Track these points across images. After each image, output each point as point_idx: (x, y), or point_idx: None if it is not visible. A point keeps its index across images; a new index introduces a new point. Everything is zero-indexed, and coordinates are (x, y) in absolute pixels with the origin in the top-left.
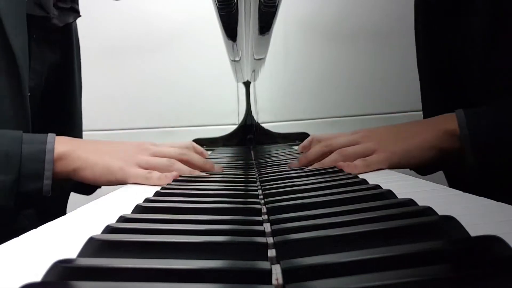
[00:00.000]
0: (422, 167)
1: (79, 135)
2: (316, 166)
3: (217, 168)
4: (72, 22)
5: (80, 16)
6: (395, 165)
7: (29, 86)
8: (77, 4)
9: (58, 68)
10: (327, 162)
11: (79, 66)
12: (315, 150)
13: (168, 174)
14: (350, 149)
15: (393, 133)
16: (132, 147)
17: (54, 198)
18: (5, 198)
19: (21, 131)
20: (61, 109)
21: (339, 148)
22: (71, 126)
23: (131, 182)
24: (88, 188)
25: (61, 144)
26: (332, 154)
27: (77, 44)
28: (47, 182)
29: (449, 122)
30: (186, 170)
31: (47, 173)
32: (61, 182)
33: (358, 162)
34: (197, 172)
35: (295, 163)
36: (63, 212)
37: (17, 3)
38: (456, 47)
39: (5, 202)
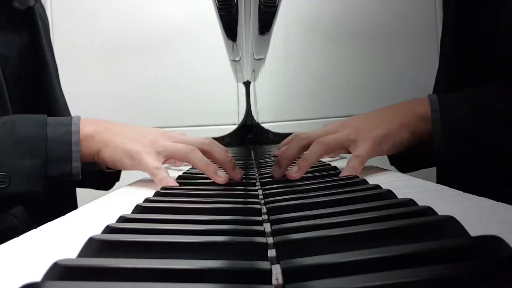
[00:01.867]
0: (401, 152)
1: None
2: (300, 163)
3: (238, 170)
4: (34, 4)
5: None
6: (379, 151)
7: None
8: None
9: (26, 51)
10: (307, 154)
11: (51, 48)
12: (291, 145)
13: (170, 180)
14: (330, 137)
15: (369, 120)
16: (157, 133)
17: (60, 194)
18: (34, 183)
19: (45, 115)
20: (39, 94)
21: (317, 138)
22: (54, 112)
23: (142, 169)
24: (107, 181)
25: (87, 126)
26: (312, 145)
27: (45, 26)
28: (75, 164)
29: (421, 106)
30: (203, 160)
31: (75, 155)
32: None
33: (352, 162)
34: (211, 169)
35: (275, 169)
36: (70, 209)
37: None
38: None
39: (34, 187)
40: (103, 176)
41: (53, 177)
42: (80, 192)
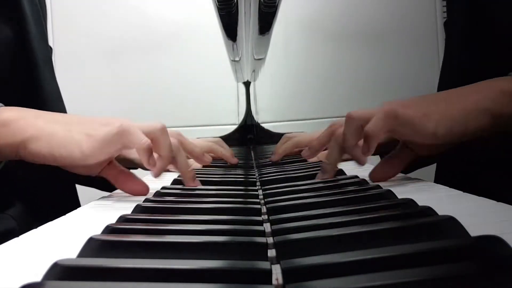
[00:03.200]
0: (464, 139)
1: None
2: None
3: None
4: None
5: None
6: (431, 137)
7: None
8: None
9: (13, 43)
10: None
11: (43, 35)
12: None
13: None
14: (361, 111)
15: (423, 97)
16: (111, 117)
17: (60, 193)
18: None
19: None
20: (27, 84)
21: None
22: (43, 103)
23: (103, 155)
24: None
25: (8, 111)
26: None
27: (36, 11)
28: None
29: (507, 81)
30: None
31: None
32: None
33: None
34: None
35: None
36: (72, 207)
37: None
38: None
39: None
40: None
41: None
42: (80, 191)
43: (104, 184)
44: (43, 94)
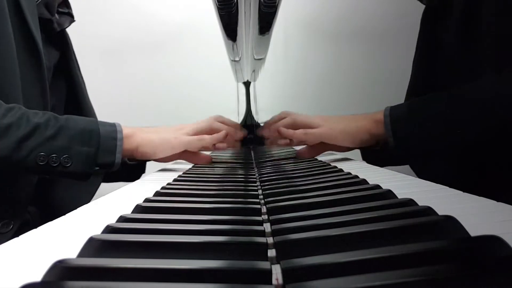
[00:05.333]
0: (357, 148)
1: None
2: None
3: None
4: (67, 27)
5: (74, 21)
6: (332, 140)
7: None
8: (71, 9)
9: (61, 66)
10: (280, 123)
11: (78, 66)
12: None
13: (219, 134)
14: (301, 116)
15: (338, 116)
16: (177, 125)
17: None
18: (88, 166)
19: (96, 118)
20: (72, 103)
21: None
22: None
23: (187, 147)
24: (132, 173)
25: (126, 128)
26: (286, 118)
27: (71, 46)
28: (118, 156)
29: (379, 113)
30: (224, 127)
31: (119, 148)
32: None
33: (299, 131)
34: (231, 130)
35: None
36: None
37: (31, 4)
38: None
39: (88, 169)
40: (128, 168)
41: (100, 164)
42: None
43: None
44: (86, 111)
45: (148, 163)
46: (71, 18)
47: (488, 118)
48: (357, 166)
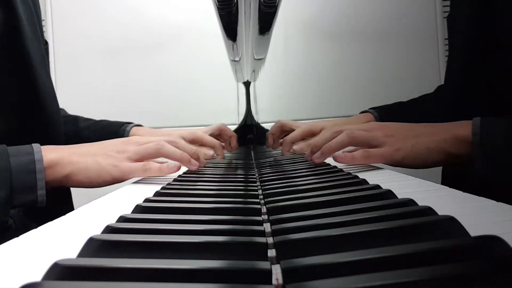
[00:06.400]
0: (424, 167)
1: (55, 119)
2: (325, 149)
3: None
4: None
5: None
6: (398, 163)
7: None
8: None
9: (4, 39)
10: (334, 141)
11: (36, 33)
12: (325, 135)
13: (170, 163)
14: (360, 132)
15: (404, 130)
16: (119, 142)
17: (56, 198)
18: (2, 212)
19: (4, 145)
20: (23, 82)
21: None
22: (41, 101)
23: (129, 177)
24: None
25: (49, 152)
26: (341, 135)
27: (27, 7)
28: (40, 192)
29: (462, 128)
30: (175, 151)
31: (40, 183)
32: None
33: (357, 153)
34: (185, 157)
35: (317, 155)
36: (68, 210)
37: None
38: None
39: (3, 215)
40: None
41: (18, 206)
42: (80, 191)
43: None
44: (39, 94)
45: None
46: None
47: None
48: (357, 166)
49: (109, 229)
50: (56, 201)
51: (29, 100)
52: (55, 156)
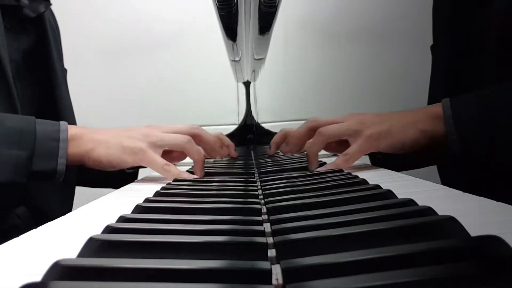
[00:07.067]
0: (404, 151)
1: None
2: (308, 157)
3: (225, 149)
4: (44, 11)
5: (51, 4)
6: (375, 147)
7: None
8: None
9: (34, 56)
10: (310, 145)
11: (60, 55)
12: (300, 129)
13: (190, 175)
14: (332, 127)
15: (377, 116)
16: (146, 128)
17: (56, 196)
18: (18, 173)
19: (33, 116)
20: (47, 98)
21: (324, 125)
22: (59, 116)
23: (147, 166)
24: (125, 182)
25: (74, 128)
26: (314, 137)
27: (53, 32)
28: (61, 161)
29: (435, 106)
30: (199, 151)
31: (62, 152)
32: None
33: (338, 160)
34: (201, 162)
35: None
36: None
37: None
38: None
39: (18, 177)
40: (124, 177)
41: (37, 173)
42: (80, 192)
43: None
44: (58, 107)
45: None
46: (46, 1)
47: None
48: (357, 166)
49: (109, 229)
50: (57, 205)
51: (48, 112)
52: (80, 131)
